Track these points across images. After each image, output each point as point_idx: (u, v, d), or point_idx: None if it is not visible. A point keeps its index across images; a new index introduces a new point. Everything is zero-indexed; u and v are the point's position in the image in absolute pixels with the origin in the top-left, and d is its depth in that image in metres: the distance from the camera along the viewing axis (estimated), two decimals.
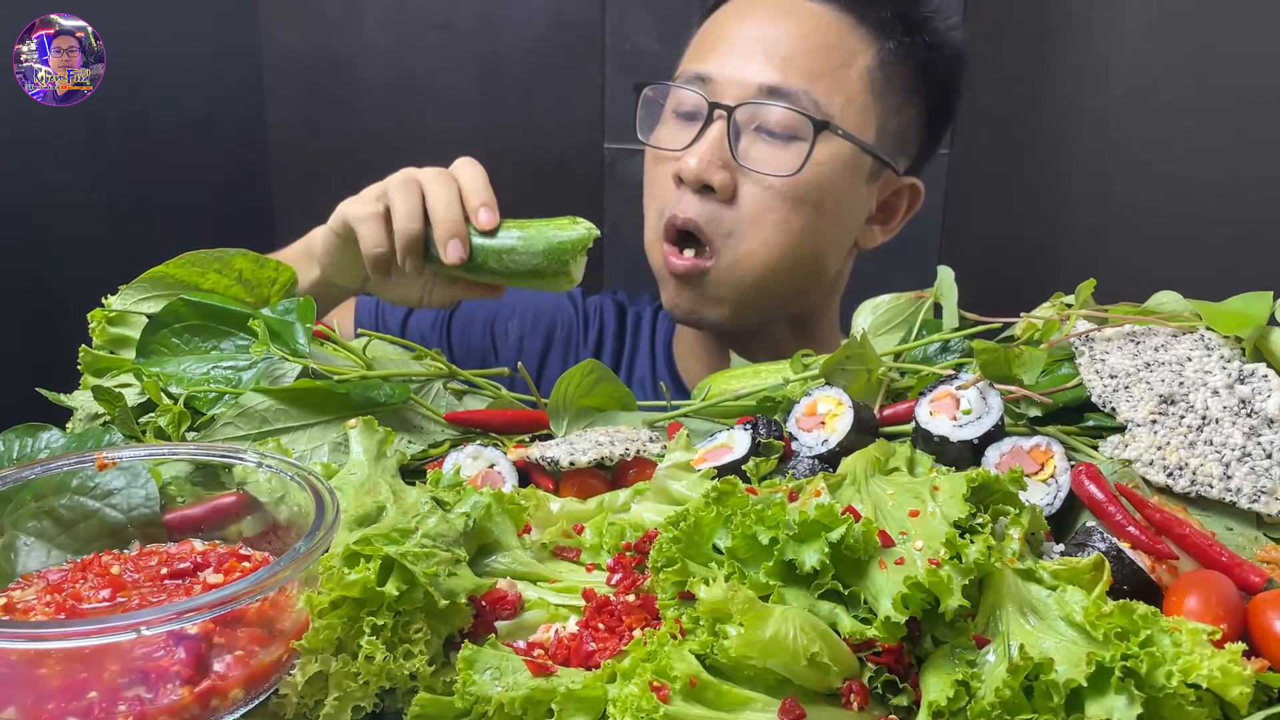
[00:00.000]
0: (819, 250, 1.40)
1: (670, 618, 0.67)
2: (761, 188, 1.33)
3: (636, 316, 1.65)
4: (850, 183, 1.38)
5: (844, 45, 1.36)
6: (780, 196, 1.33)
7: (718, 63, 1.36)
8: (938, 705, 0.60)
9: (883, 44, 1.38)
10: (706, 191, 1.33)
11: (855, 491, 0.76)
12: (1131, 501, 0.79)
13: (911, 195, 1.49)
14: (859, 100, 1.36)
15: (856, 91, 1.36)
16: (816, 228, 1.37)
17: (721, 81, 1.34)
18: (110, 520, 0.80)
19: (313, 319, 1.04)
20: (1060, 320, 0.99)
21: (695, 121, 1.35)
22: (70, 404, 1.08)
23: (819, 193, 1.35)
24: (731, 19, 1.41)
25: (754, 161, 1.33)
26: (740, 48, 1.36)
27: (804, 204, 1.34)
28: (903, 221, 1.51)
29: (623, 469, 0.97)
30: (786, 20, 1.36)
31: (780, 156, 1.32)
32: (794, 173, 1.31)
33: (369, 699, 0.68)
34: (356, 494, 0.82)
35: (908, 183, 1.47)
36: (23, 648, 0.60)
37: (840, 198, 1.38)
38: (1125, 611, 0.62)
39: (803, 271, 1.40)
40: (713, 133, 1.33)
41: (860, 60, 1.37)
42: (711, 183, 1.32)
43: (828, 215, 1.37)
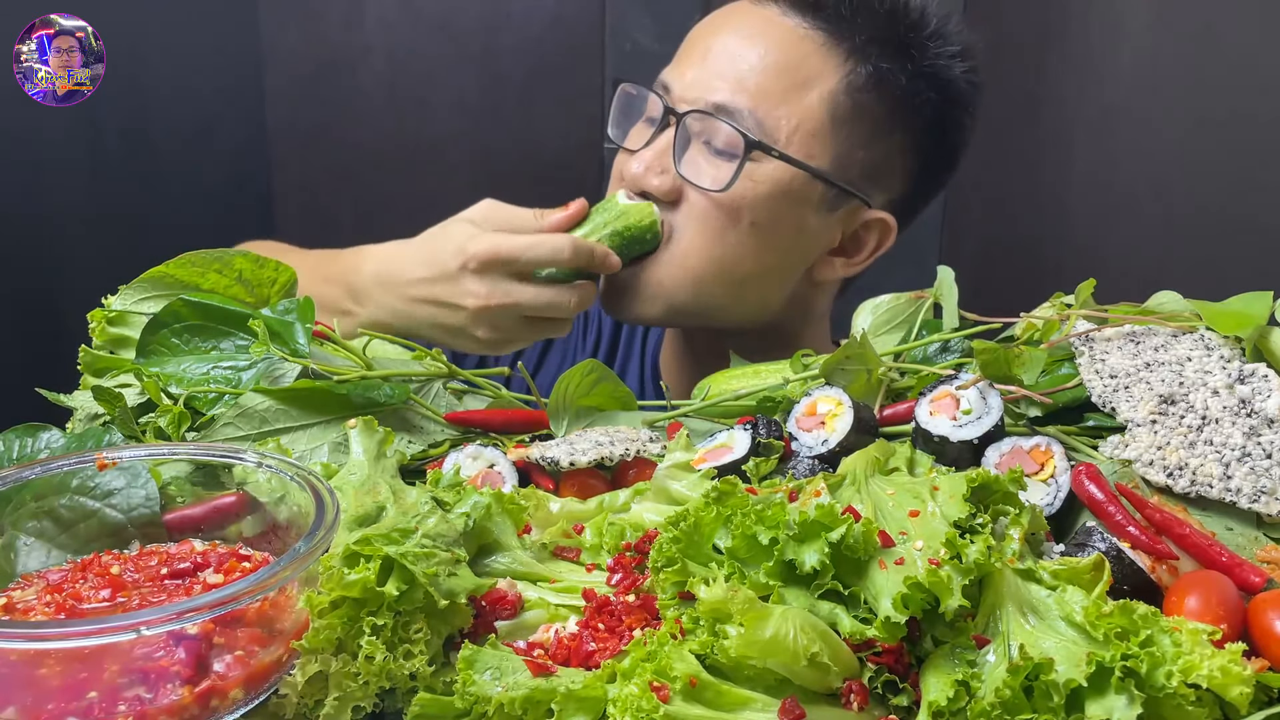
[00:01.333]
0: (755, 272, 1.36)
1: (670, 618, 0.67)
2: (699, 199, 1.32)
3: (631, 326, 1.65)
4: (793, 208, 1.33)
5: (807, 66, 1.32)
6: (716, 207, 1.31)
7: (681, 73, 1.36)
8: (938, 705, 0.60)
9: (854, 68, 1.32)
10: (645, 198, 1.34)
11: (855, 491, 0.77)
12: (1131, 501, 0.79)
13: (881, 231, 1.41)
14: (813, 124, 1.31)
15: (810, 116, 1.31)
16: (751, 248, 1.34)
17: (679, 92, 1.34)
18: (110, 520, 0.80)
19: (312, 319, 1.04)
20: (1060, 320, 0.99)
21: (655, 125, 1.36)
22: (70, 404, 1.08)
23: (754, 212, 1.31)
24: (705, 30, 1.40)
25: (691, 172, 1.32)
26: (703, 60, 1.35)
27: (738, 221, 1.32)
28: (870, 259, 1.44)
29: (623, 469, 0.97)
30: (753, 36, 1.34)
31: (717, 170, 1.31)
32: (724, 188, 1.29)
33: (369, 699, 0.68)
34: (356, 494, 0.82)
35: (877, 217, 1.39)
36: (23, 648, 0.60)
37: (779, 221, 1.34)
38: (1125, 611, 0.62)
39: (738, 289, 1.37)
40: (662, 140, 1.34)
41: (822, 83, 1.31)
42: (647, 187, 1.32)
43: (765, 237, 1.34)
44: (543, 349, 1.62)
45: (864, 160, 1.36)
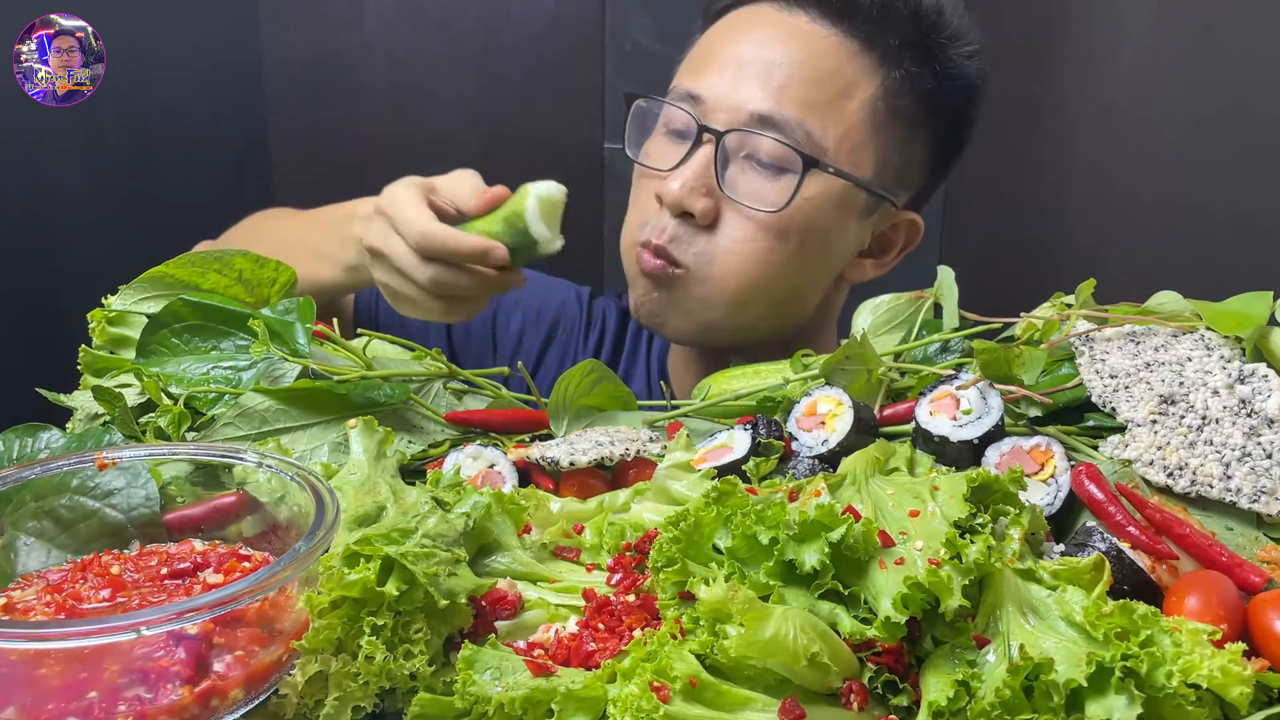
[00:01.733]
0: (798, 285, 1.35)
1: (670, 618, 0.67)
2: (744, 218, 1.28)
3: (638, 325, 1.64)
4: (839, 219, 1.32)
5: (845, 74, 1.29)
6: (763, 229, 1.28)
7: (710, 83, 1.30)
8: (938, 705, 0.60)
9: (889, 73, 1.31)
10: (686, 217, 1.29)
11: (855, 491, 0.77)
12: (1131, 501, 0.79)
13: (909, 231, 1.42)
14: (857, 134, 1.29)
15: (855, 124, 1.29)
16: (798, 263, 1.31)
17: (712, 103, 1.29)
18: (110, 520, 0.80)
19: (313, 319, 1.04)
20: (1060, 320, 0.99)
21: (684, 141, 1.31)
22: (70, 404, 1.08)
23: (805, 229, 1.29)
24: (728, 36, 1.34)
25: (739, 192, 1.27)
26: (735, 69, 1.29)
27: (788, 239, 1.29)
28: (898, 257, 1.44)
29: (623, 469, 0.97)
30: (785, 43, 1.29)
31: (767, 189, 1.27)
32: (780, 209, 1.26)
33: (369, 699, 0.68)
34: (356, 494, 0.82)
35: (906, 218, 1.40)
36: (23, 648, 0.60)
37: (828, 234, 1.32)
38: (1125, 611, 0.62)
39: (778, 304, 1.34)
40: (699, 158, 1.28)
41: (862, 91, 1.29)
42: (692, 210, 1.28)
43: (812, 251, 1.31)
44: (542, 349, 1.62)
45: (897, 164, 1.35)
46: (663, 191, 1.29)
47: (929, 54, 1.32)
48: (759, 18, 1.34)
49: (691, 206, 1.28)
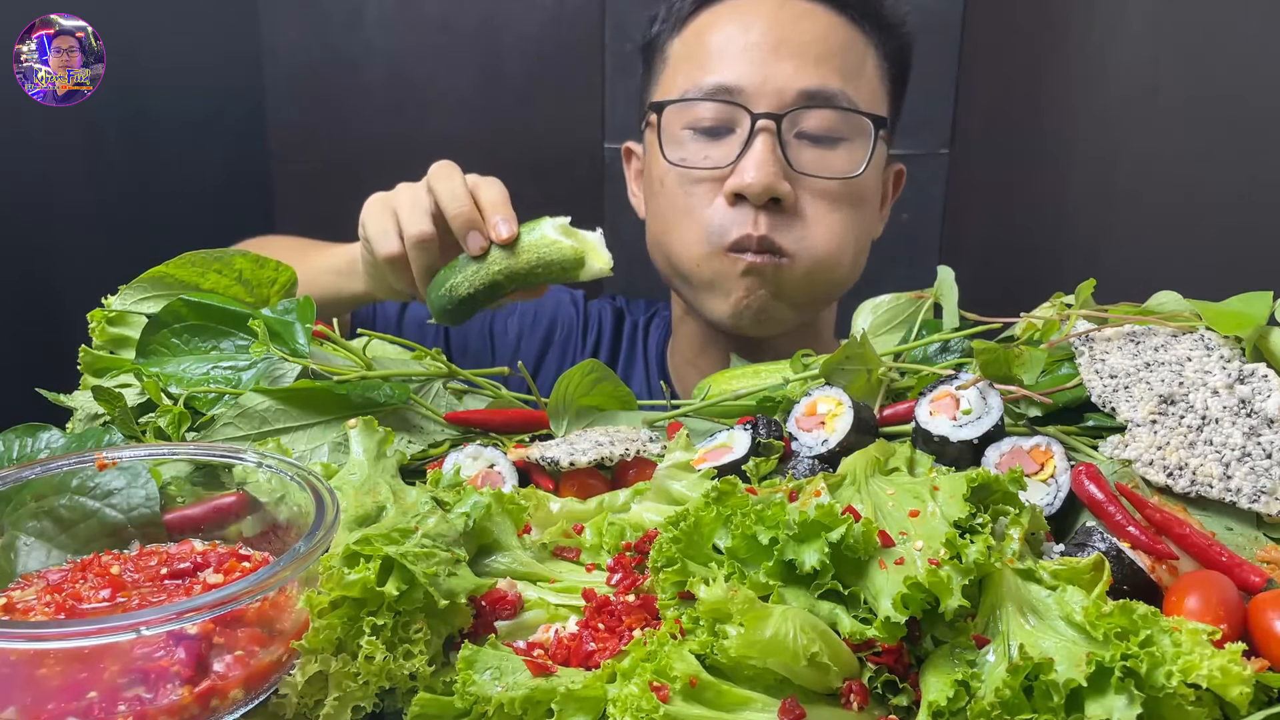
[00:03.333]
0: (864, 245, 1.43)
1: (670, 618, 0.67)
2: (815, 193, 1.32)
3: (633, 325, 1.65)
4: (881, 176, 1.43)
5: (858, 44, 1.38)
6: (840, 199, 1.33)
7: (738, 72, 1.31)
8: (938, 705, 0.60)
9: (878, 39, 1.40)
10: (773, 204, 1.30)
11: (855, 491, 0.77)
12: (1131, 501, 0.79)
13: (897, 179, 1.52)
14: (877, 96, 1.39)
15: (875, 87, 1.39)
16: (864, 223, 1.40)
17: (752, 90, 1.30)
18: (110, 520, 0.80)
19: (312, 319, 1.04)
20: (1060, 320, 0.99)
21: (722, 137, 1.32)
22: (70, 404, 1.08)
23: (870, 190, 1.39)
24: (729, 28, 1.36)
25: (809, 167, 1.31)
26: (762, 54, 1.31)
27: (862, 202, 1.37)
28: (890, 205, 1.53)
29: (623, 469, 0.97)
30: (803, 22, 1.34)
31: (833, 159, 1.32)
32: (859, 173, 1.32)
33: (369, 699, 0.68)
34: (356, 494, 0.82)
35: (898, 167, 1.51)
36: (23, 648, 0.60)
37: (876, 191, 1.43)
38: (1125, 611, 0.62)
39: (855, 267, 1.42)
40: (760, 144, 1.29)
41: (870, 57, 1.39)
42: (779, 194, 1.29)
43: (869, 209, 1.41)
44: (540, 353, 1.62)
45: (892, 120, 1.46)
46: (742, 186, 1.29)
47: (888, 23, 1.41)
48: (755, 5, 1.37)
49: (778, 190, 1.29)
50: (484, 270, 1.17)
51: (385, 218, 1.23)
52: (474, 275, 1.17)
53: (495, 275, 1.17)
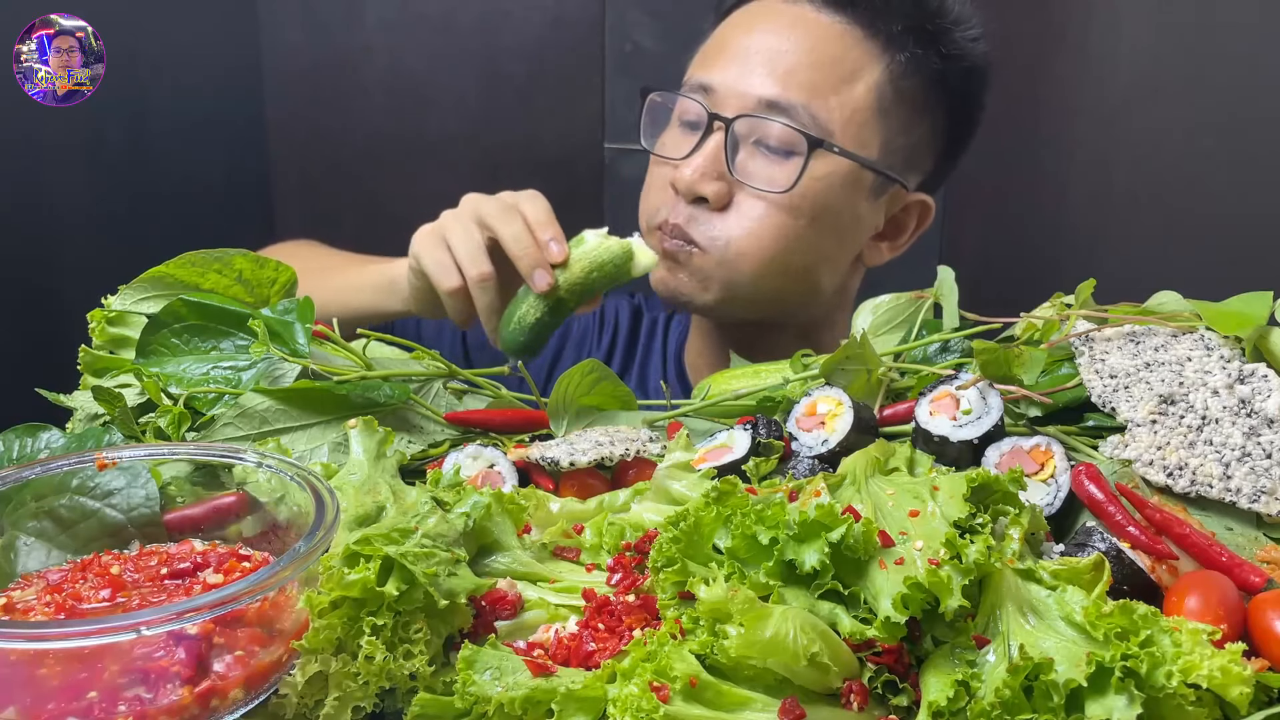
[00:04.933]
0: (813, 262, 1.39)
1: (670, 618, 0.67)
2: (756, 199, 1.33)
3: (652, 322, 1.66)
4: (849, 198, 1.37)
5: (850, 59, 1.34)
6: (775, 208, 1.33)
7: (720, 73, 1.35)
8: (938, 705, 0.60)
9: (893, 57, 1.36)
10: (700, 202, 1.34)
11: (855, 491, 0.77)
12: (1131, 501, 0.79)
13: (921, 212, 1.47)
14: (862, 116, 1.34)
15: (861, 107, 1.34)
16: (811, 240, 1.36)
17: (723, 92, 1.34)
18: (110, 520, 0.80)
19: (312, 319, 1.04)
20: (1060, 320, 0.99)
21: (697, 130, 1.35)
22: (70, 404, 1.08)
23: (815, 207, 1.34)
24: (739, 29, 1.39)
25: (750, 175, 1.33)
26: (743, 59, 1.35)
27: (799, 216, 1.34)
28: (911, 239, 1.49)
29: (623, 469, 0.97)
30: (792, 32, 1.35)
31: (776, 171, 1.32)
32: (788, 189, 1.31)
33: (369, 699, 0.68)
34: (356, 494, 0.82)
35: (917, 199, 1.45)
36: (23, 648, 0.60)
37: (838, 213, 1.37)
38: (1125, 611, 0.62)
39: (796, 280, 1.39)
40: (710, 144, 1.33)
41: (868, 75, 1.35)
42: (704, 194, 1.33)
43: (824, 229, 1.37)
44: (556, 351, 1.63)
45: (904, 146, 1.39)
46: (676, 179, 1.34)
47: (932, 38, 1.37)
48: (766, 10, 1.39)
49: (704, 190, 1.33)
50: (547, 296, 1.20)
51: (440, 251, 1.24)
52: (538, 300, 1.20)
53: (557, 293, 1.19)
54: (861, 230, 1.43)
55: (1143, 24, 2.03)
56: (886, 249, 1.48)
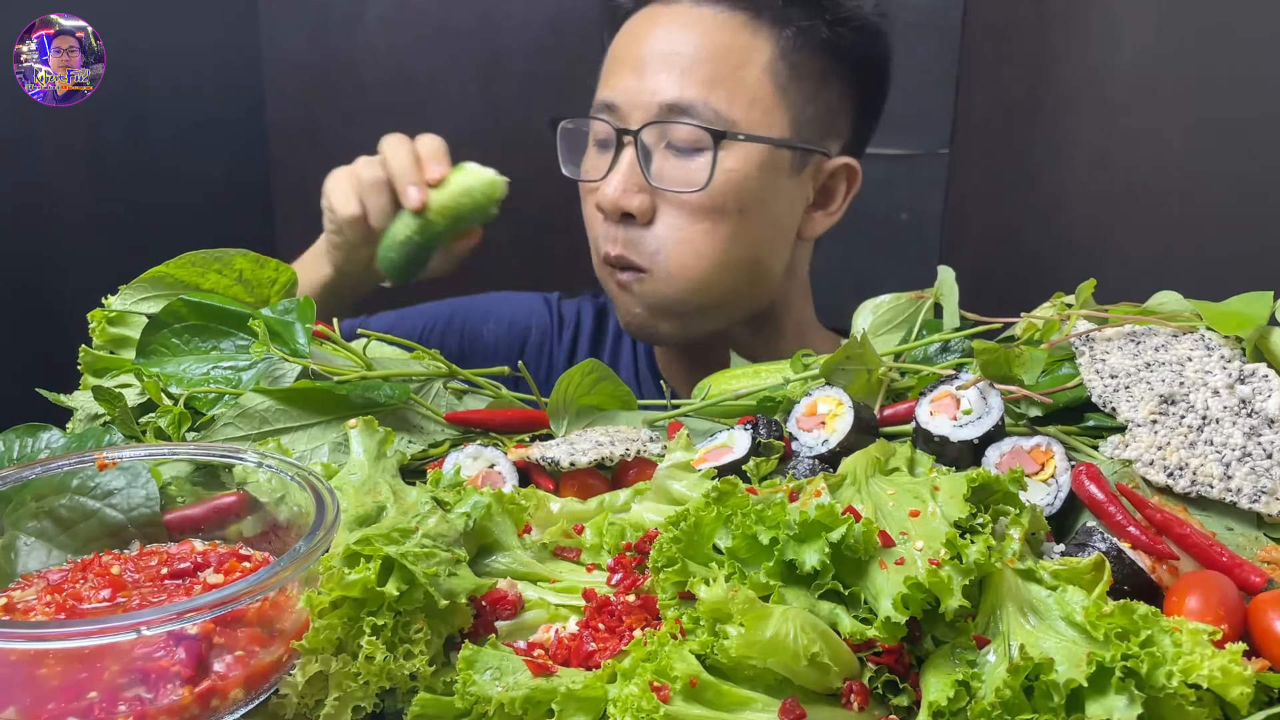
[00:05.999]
0: (754, 252, 1.40)
1: (670, 618, 0.67)
2: (678, 205, 1.34)
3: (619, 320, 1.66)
4: (770, 180, 1.37)
5: (738, 45, 1.34)
6: (699, 210, 1.33)
7: (620, 87, 1.37)
8: (938, 705, 0.60)
9: (781, 33, 1.36)
10: (628, 219, 1.35)
11: (855, 491, 0.76)
12: (1132, 501, 0.79)
13: (849, 176, 1.46)
14: (764, 98, 1.35)
15: (760, 90, 1.34)
16: (744, 231, 1.37)
17: (626, 106, 1.35)
18: (110, 520, 0.80)
19: (312, 319, 1.04)
20: (1060, 320, 0.99)
21: (610, 149, 1.37)
22: (70, 404, 1.08)
23: (739, 198, 1.34)
24: (629, 40, 1.41)
25: (666, 180, 1.33)
26: (639, 67, 1.36)
27: (725, 212, 1.34)
28: (845, 203, 1.48)
29: (623, 469, 0.97)
30: (680, 32, 1.36)
31: (689, 170, 1.33)
32: (702, 187, 1.32)
33: (369, 699, 0.68)
34: (356, 494, 0.82)
35: (842, 164, 1.44)
36: (23, 648, 0.60)
37: (763, 197, 1.37)
38: (1126, 611, 0.62)
39: (744, 272, 1.40)
40: (624, 159, 1.34)
41: (759, 56, 1.35)
42: (629, 209, 1.34)
43: (753, 217, 1.37)
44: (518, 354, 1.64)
45: (814, 115, 1.40)
46: (600, 200, 1.36)
47: (818, 7, 1.38)
48: (650, 17, 1.40)
49: (627, 205, 1.34)
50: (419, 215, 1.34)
51: (345, 182, 1.40)
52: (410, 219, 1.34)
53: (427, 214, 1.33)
54: (793, 207, 1.43)
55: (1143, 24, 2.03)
56: (821, 218, 1.47)
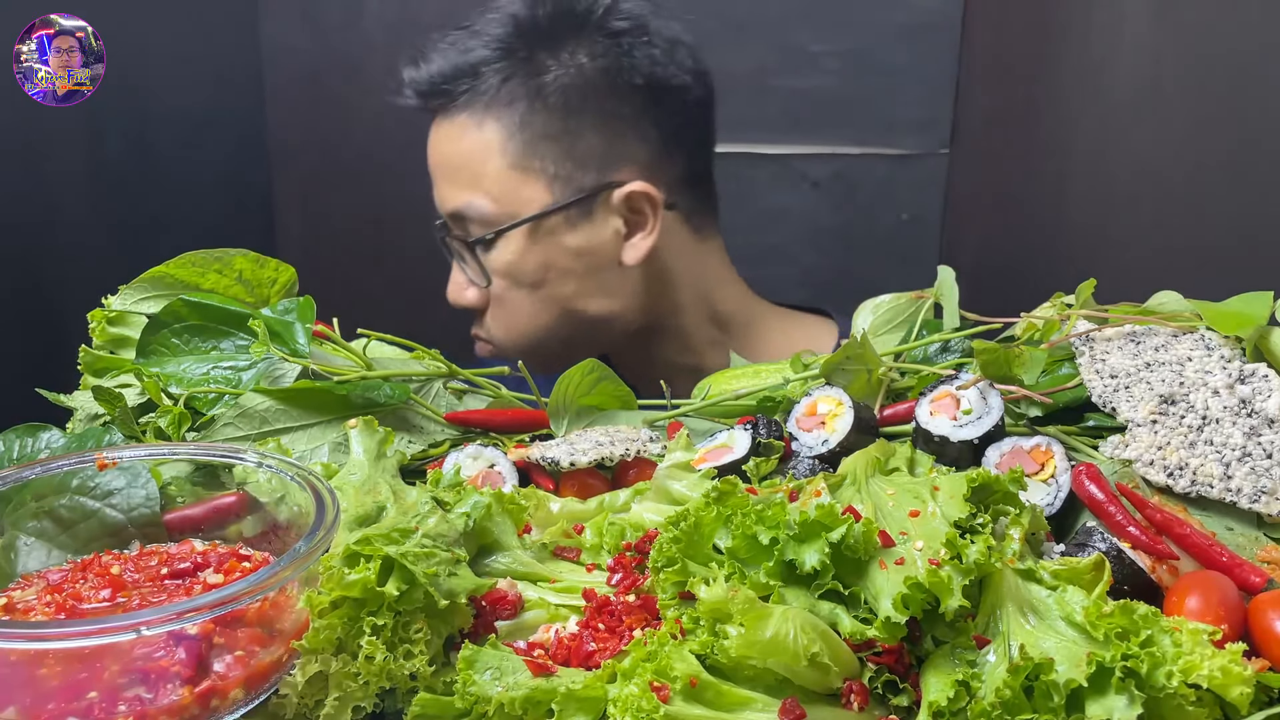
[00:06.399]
0: (568, 307, 1.46)
1: (670, 618, 0.67)
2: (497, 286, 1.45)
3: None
4: (554, 246, 1.43)
5: (473, 143, 1.42)
6: (515, 284, 1.44)
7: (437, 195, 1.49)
8: (938, 705, 0.60)
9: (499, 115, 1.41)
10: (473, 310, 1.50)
11: (855, 491, 0.76)
12: (1132, 501, 0.79)
13: (646, 196, 1.44)
14: (510, 179, 1.41)
15: (504, 174, 1.41)
16: (561, 292, 1.44)
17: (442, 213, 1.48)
18: (110, 520, 0.80)
19: (313, 319, 1.04)
20: (1060, 320, 0.99)
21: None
22: (70, 404, 1.08)
23: (534, 272, 1.43)
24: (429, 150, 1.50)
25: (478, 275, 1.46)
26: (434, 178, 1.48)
27: (534, 287, 1.44)
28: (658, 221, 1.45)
29: (623, 469, 0.97)
30: (444, 145, 1.45)
31: (495, 257, 1.44)
32: (486, 284, 1.45)
33: (369, 699, 0.68)
34: (356, 494, 0.82)
35: (638, 190, 1.42)
36: (23, 648, 0.60)
37: (555, 262, 1.43)
38: (1125, 611, 0.62)
39: (568, 327, 1.47)
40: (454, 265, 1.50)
41: (492, 146, 1.41)
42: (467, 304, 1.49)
43: (561, 278, 1.44)
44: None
45: (580, 161, 1.42)
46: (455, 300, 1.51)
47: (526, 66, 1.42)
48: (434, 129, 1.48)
49: (464, 302, 1.49)
50: None
51: None
52: None
53: None
54: (599, 251, 1.45)
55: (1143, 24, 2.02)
56: (639, 241, 1.46)
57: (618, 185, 1.42)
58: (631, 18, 1.43)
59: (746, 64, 2.00)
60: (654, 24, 1.44)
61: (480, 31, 1.43)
